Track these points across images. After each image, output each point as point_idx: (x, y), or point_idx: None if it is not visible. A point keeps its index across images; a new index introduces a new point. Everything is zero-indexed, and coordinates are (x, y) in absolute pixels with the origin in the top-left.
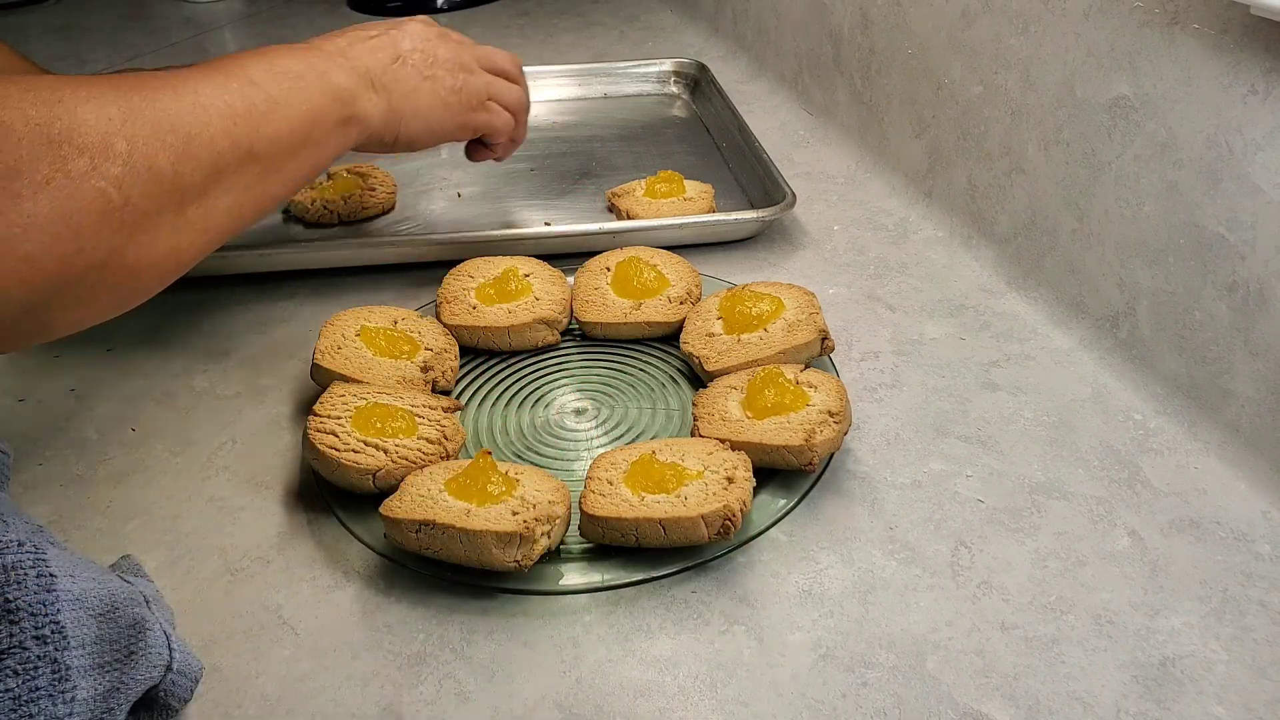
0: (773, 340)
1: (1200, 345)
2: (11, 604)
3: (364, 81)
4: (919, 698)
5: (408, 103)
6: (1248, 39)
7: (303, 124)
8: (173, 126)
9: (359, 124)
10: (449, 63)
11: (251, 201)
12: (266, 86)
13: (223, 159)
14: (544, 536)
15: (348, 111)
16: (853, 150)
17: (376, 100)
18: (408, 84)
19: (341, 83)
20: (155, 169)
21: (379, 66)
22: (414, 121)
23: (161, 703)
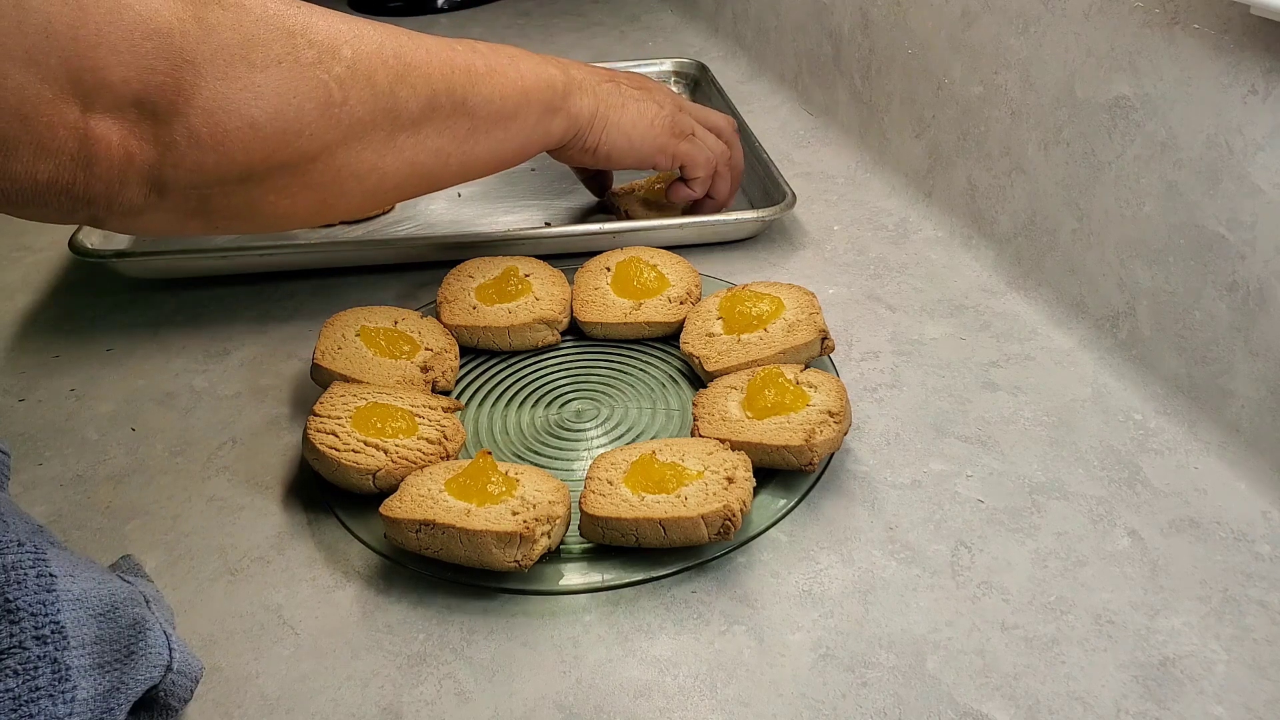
0: (773, 340)
1: (1200, 345)
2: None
3: (576, 85)
4: (919, 698)
5: (614, 113)
6: (1248, 39)
7: (515, 95)
8: (396, 52)
9: (566, 116)
10: (660, 94)
11: (459, 154)
12: (487, 56)
13: (437, 98)
14: (544, 536)
15: (558, 101)
16: (853, 150)
17: (586, 101)
18: (617, 98)
19: (556, 76)
20: (374, 82)
21: (593, 79)
22: (616, 133)
23: (161, 703)
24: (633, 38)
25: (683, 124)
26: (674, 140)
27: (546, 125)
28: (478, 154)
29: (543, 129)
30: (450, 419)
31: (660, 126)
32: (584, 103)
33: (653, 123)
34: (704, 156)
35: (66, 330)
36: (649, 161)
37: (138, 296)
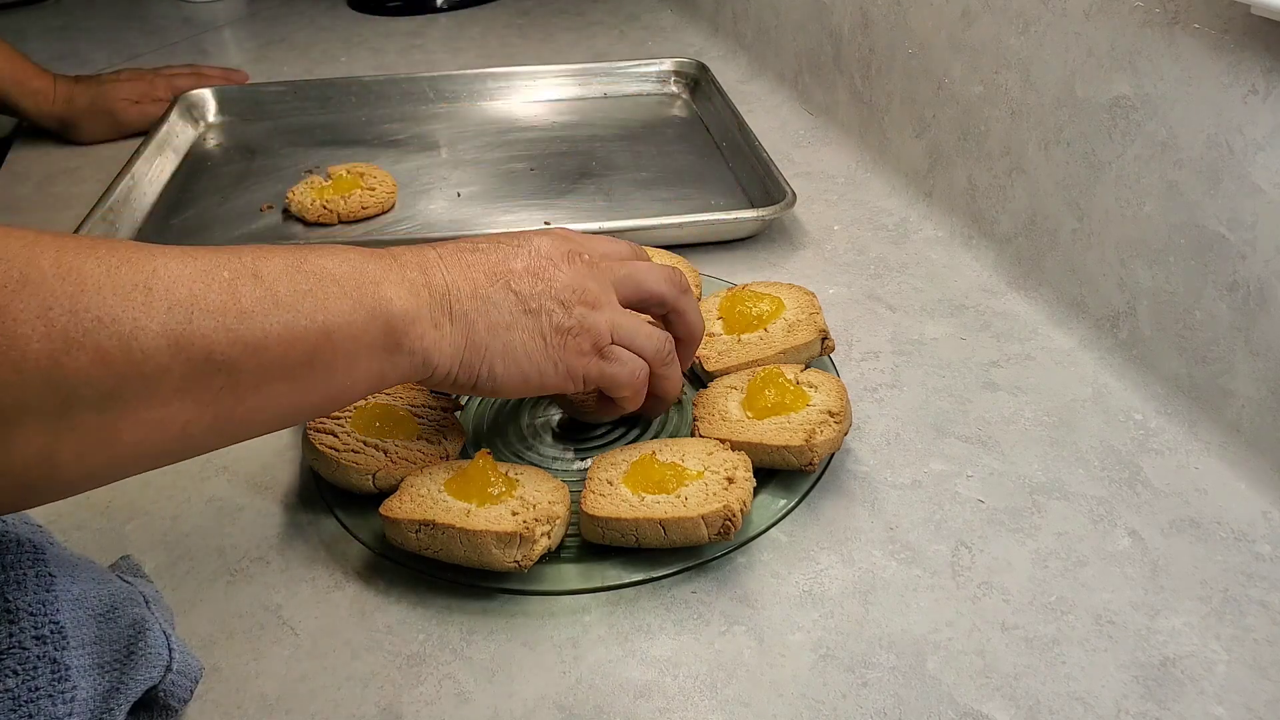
0: (773, 340)
1: (1201, 345)
2: (11, 604)
3: (437, 306)
4: (919, 698)
5: (495, 339)
6: (1248, 39)
7: (311, 339)
8: (72, 304)
9: (414, 359)
10: (566, 291)
11: (209, 422)
12: (273, 285)
13: (152, 360)
14: (544, 536)
15: (393, 339)
16: (853, 150)
17: (449, 332)
18: (500, 317)
19: (395, 299)
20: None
21: (468, 289)
22: (500, 363)
23: (161, 703)
24: (633, 37)
25: (594, 330)
26: (581, 361)
27: (379, 369)
28: (246, 418)
29: (372, 372)
30: (450, 419)
31: (559, 345)
32: (444, 334)
33: (550, 344)
34: (626, 372)
35: None
36: (555, 390)
37: None
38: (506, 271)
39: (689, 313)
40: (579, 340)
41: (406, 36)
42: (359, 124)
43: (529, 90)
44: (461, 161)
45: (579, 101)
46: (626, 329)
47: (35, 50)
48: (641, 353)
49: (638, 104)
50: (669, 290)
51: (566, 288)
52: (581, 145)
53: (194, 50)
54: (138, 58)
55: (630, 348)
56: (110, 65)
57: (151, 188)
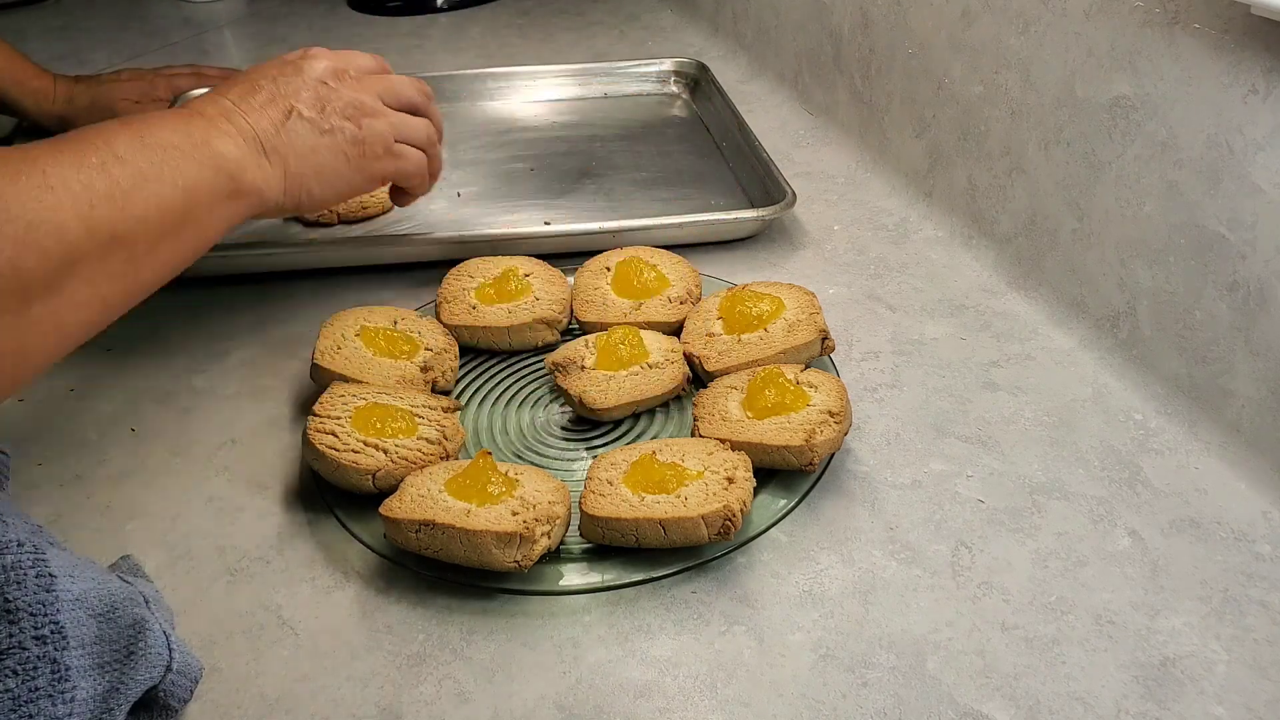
0: (773, 340)
1: (1201, 345)
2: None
3: (253, 148)
4: (919, 698)
5: (306, 164)
6: (1248, 39)
7: (179, 201)
8: (10, 214)
9: (250, 196)
10: (347, 109)
11: (119, 290)
12: (133, 161)
13: (77, 248)
14: (544, 537)
15: (235, 184)
16: (853, 150)
17: (269, 168)
18: (304, 143)
19: (226, 151)
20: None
21: (270, 127)
22: (315, 184)
23: (161, 703)
24: (633, 37)
25: (380, 134)
26: (378, 163)
27: (227, 211)
28: (145, 278)
29: (224, 215)
30: (450, 419)
31: (358, 155)
32: (267, 170)
33: (349, 155)
34: (413, 163)
35: None
36: (361, 193)
37: None
38: (291, 106)
39: (436, 113)
40: (372, 147)
41: (406, 36)
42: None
43: (529, 90)
44: (461, 161)
45: (579, 101)
46: (403, 128)
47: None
48: (418, 144)
49: (638, 104)
50: (420, 97)
51: (348, 105)
52: (581, 145)
53: (194, 50)
54: (138, 58)
55: (409, 142)
56: (110, 65)
57: None
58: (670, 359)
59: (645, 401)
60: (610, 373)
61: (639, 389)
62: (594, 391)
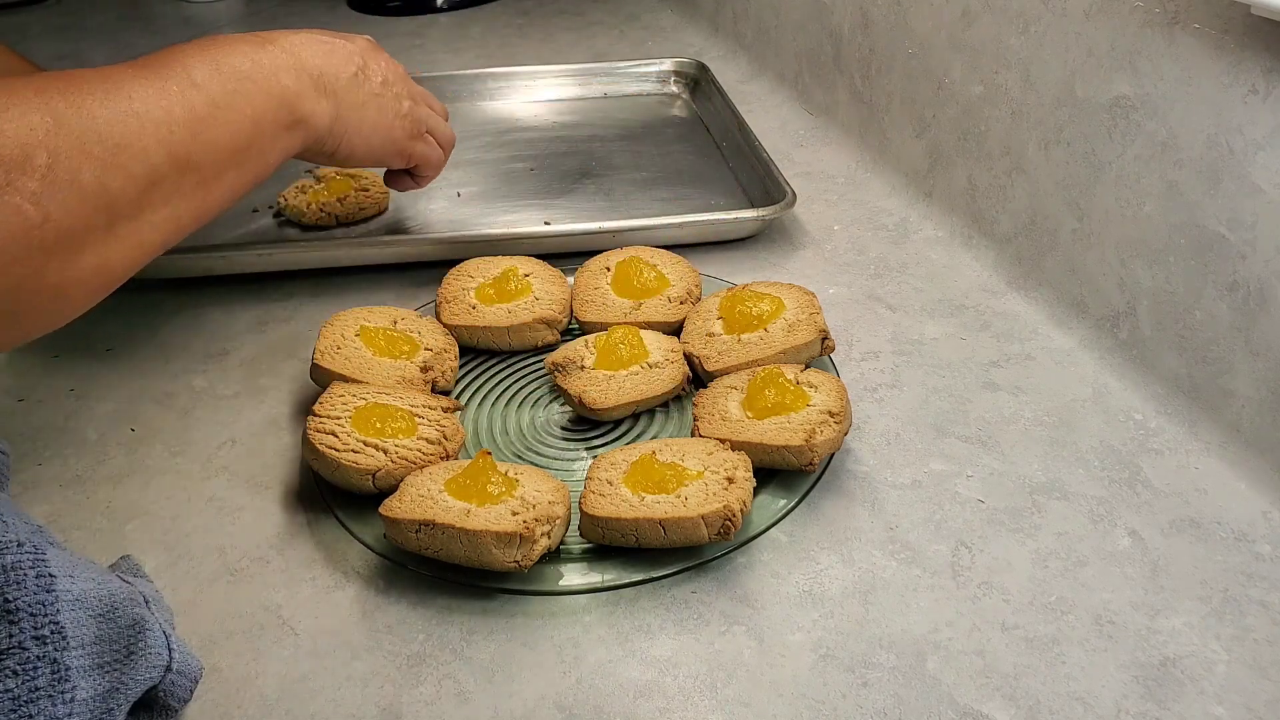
0: (773, 340)
1: (1201, 345)
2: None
3: (313, 84)
4: (919, 698)
5: (354, 115)
6: (1248, 39)
7: (247, 130)
8: (100, 136)
9: (304, 128)
10: (399, 85)
11: (190, 212)
12: (209, 88)
13: (157, 170)
14: (544, 537)
15: (294, 115)
16: (853, 150)
17: (325, 105)
18: (357, 96)
19: (289, 84)
20: (79, 184)
21: (331, 72)
22: (357, 137)
23: (161, 703)
24: (632, 37)
25: (420, 118)
26: (412, 142)
27: (284, 142)
28: (212, 202)
29: (281, 146)
30: (450, 419)
31: (401, 129)
32: (322, 108)
33: (393, 125)
34: (437, 157)
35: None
36: (387, 164)
37: (138, 296)
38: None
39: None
40: (414, 124)
41: (406, 36)
42: None
43: (529, 90)
44: (461, 161)
45: (579, 101)
46: (434, 124)
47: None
48: (442, 143)
49: (638, 104)
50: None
51: (401, 79)
52: (581, 145)
53: None
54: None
55: (435, 137)
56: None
57: None
58: (670, 359)
59: (645, 401)
60: (610, 373)
61: (639, 389)
62: (594, 391)
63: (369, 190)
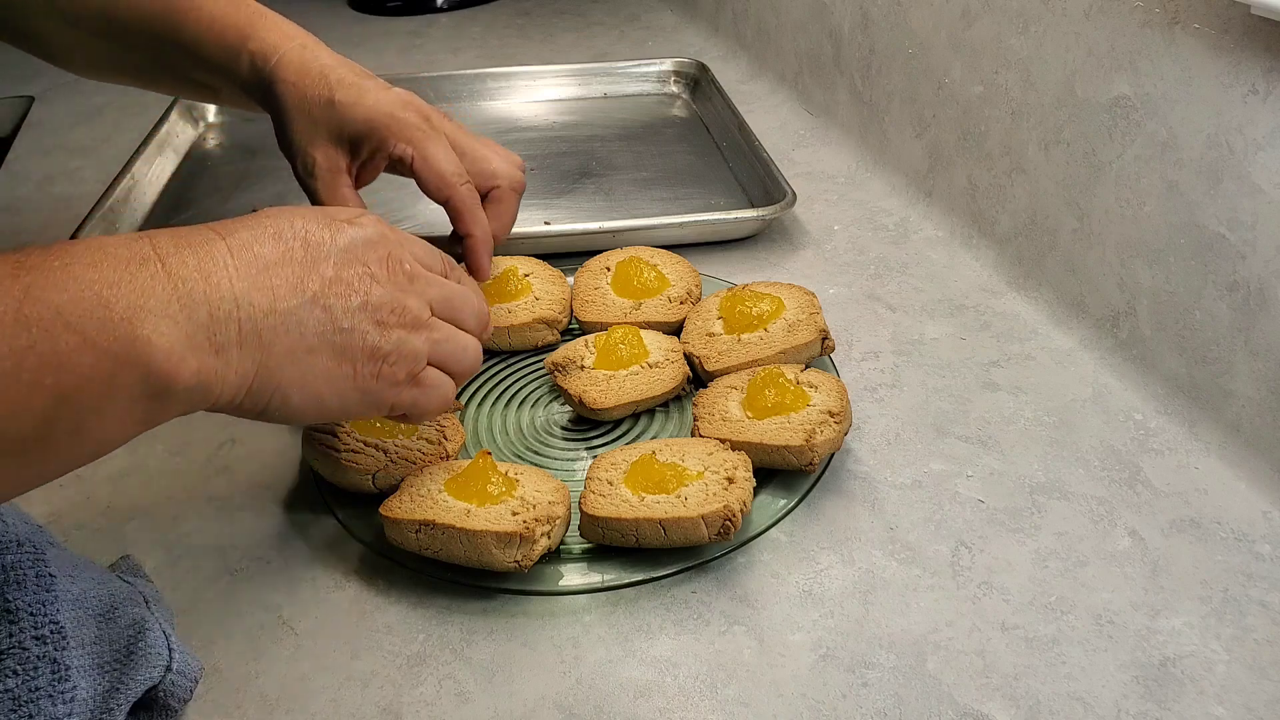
0: (773, 340)
1: (1201, 345)
2: (11, 604)
3: (216, 325)
4: (919, 698)
5: (292, 369)
6: (1248, 39)
7: (39, 407)
8: None
9: (190, 395)
10: (385, 310)
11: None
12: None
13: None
14: (544, 537)
15: (161, 383)
16: (853, 150)
17: (235, 360)
18: (301, 339)
19: (156, 337)
20: None
21: (263, 304)
22: (297, 394)
23: (161, 703)
24: (632, 37)
25: (409, 356)
26: (392, 392)
27: (140, 416)
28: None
29: (134, 420)
30: (450, 419)
31: (370, 376)
32: (228, 366)
33: (360, 375)
34: (435, 401)
35: None
36: (353, 419)
37: None
38: (314, 280)
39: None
40: (394, 369)
41: (406, 36)
42: None
43: (529, 90)
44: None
45: (579, 101)
46: (444, 350)
47: None
48: (455, 371)
49: (638, 104)
50: (475, 321)
51: (385, 305)
52: (581, 145)
53: None
54: None
55: (444, 367)
56: None
57: (151, 188)
58: (670, 359)
59: (645, 401)
60: (610, 372)
61: (639, 389)
62: (594, 391)
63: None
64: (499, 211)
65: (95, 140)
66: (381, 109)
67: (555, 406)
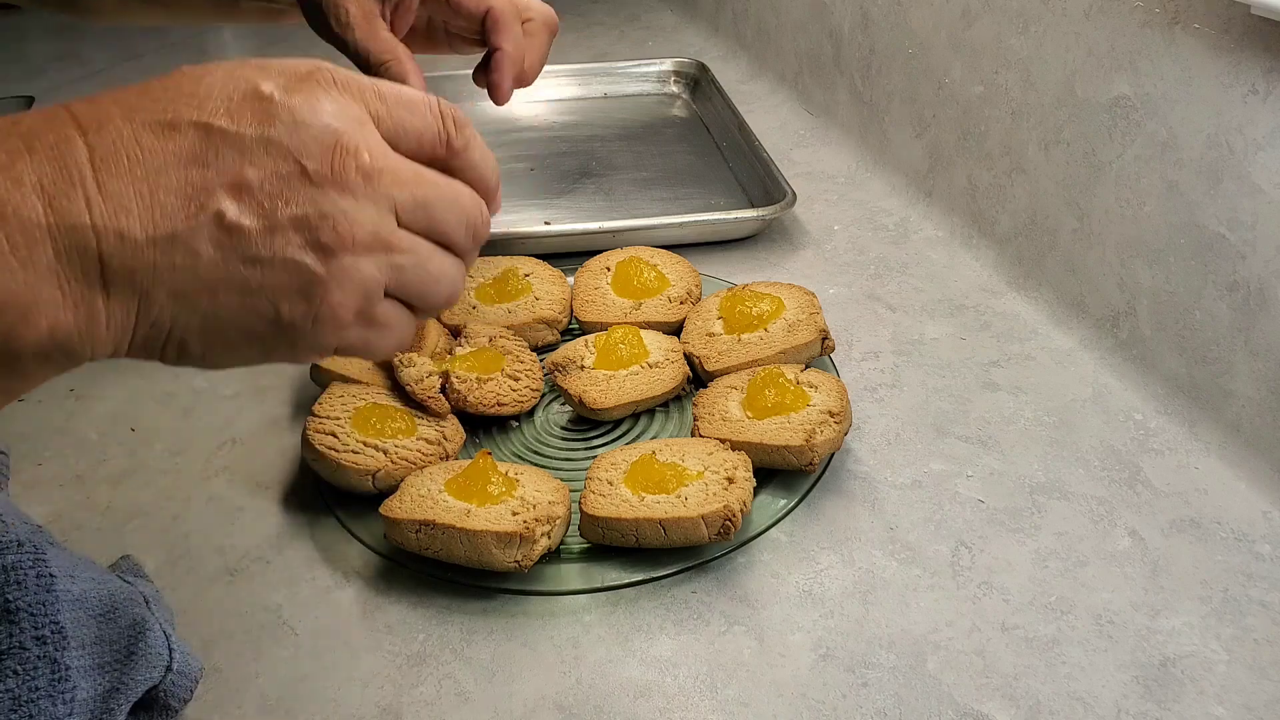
0: (773, 340)
1: (1201, 345)
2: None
3: (65, 272)
4: (919, 698)
5: (188, 310)
6: (1248, 39)
7: None
8: None
9: (44, 360)
10: (326, 224)
11: None
12: None
13: None
14: (544, 537)
15: (2, 347)
16: (853, 150)
17: (103, 309)
18: (192, 278)
19: (11, 286)
20: None
21: (139, 233)
22: (196, 343)
23: (161, 703)
24: (633, 37)
25: (363, 285)
26: (336, 332)
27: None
28: None
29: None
30: (450, 419)
31: (300, 313)
32: (91, 316)
33: (280, 314)
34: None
35: None
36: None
37: None
38: (225, 187)
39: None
40: (335, 308)
41: None
42: None
43: (529, 90)
44: None
45: (579, 101)
46: (408, 278)
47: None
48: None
49: (638, 104)
50: (466, 238)
51: (325, 218)
52: (581, 145)
53: (194, 50)
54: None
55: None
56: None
57: None
58: (670, 359)
59: (645, 401)
60: (610, 372)
61: (639, 389)
62: (594, 391)
63: (518, 380)
64: (532, 45)
65: None
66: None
67: (555, 406)
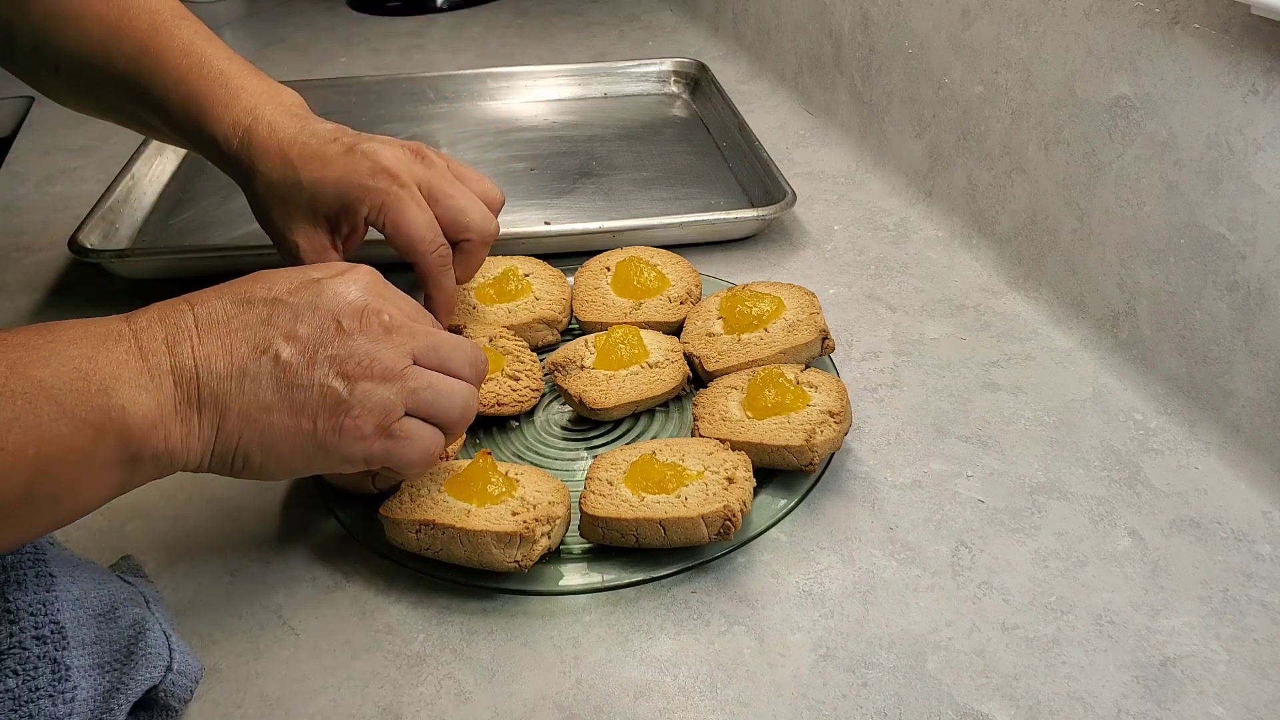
0: (773, 340)
1: (1201, 345)
2: (11, 604)
3: (180, 395)
4: (919, 698)
5: (251, 426)
6: (1248, 39)
7: (21, 474)
8: None
9: (159, 461)
10: (351, 362)
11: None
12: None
13: None
14: (544, 537)
15: (134, 449)
16: (853, 150)
17: (196, 427)
18: (258, 397)
19: (130, 406)
20: None
21: (222, 367)
22: (259, 453)
23: (161, 703)
24: (633, 37)
25: (381, 407)
26: (360, 443)
27: (115, 481)
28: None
29: (110, 483)
30: None
31: (332, 429)
32: (192, 428)
33: (317, 428)
34: (418, 453)
35: None
36: (326, 472)
37: (137, 296)
38: (281, 337)
39: (476, 378)
40: (358, 422)
41: (406, 36)
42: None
43: (529, 90)
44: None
45: (579, 101)
46: (423, 398)
47: None
48: (440, 420)
49: (638, 104)
50: (468, 369)
51: (351, 357)
52: (581, 145)
53: None
54: None
55: (428, 417)
56: None
57: (151, 188)
58: (670, 359)
59: (645, 401)
60: (610, 372)
61: (639, 389)
62: (594, 391)
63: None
64: (465, 261)
65: (95, 140)
66: (349, 181)
67: (555, 406)
